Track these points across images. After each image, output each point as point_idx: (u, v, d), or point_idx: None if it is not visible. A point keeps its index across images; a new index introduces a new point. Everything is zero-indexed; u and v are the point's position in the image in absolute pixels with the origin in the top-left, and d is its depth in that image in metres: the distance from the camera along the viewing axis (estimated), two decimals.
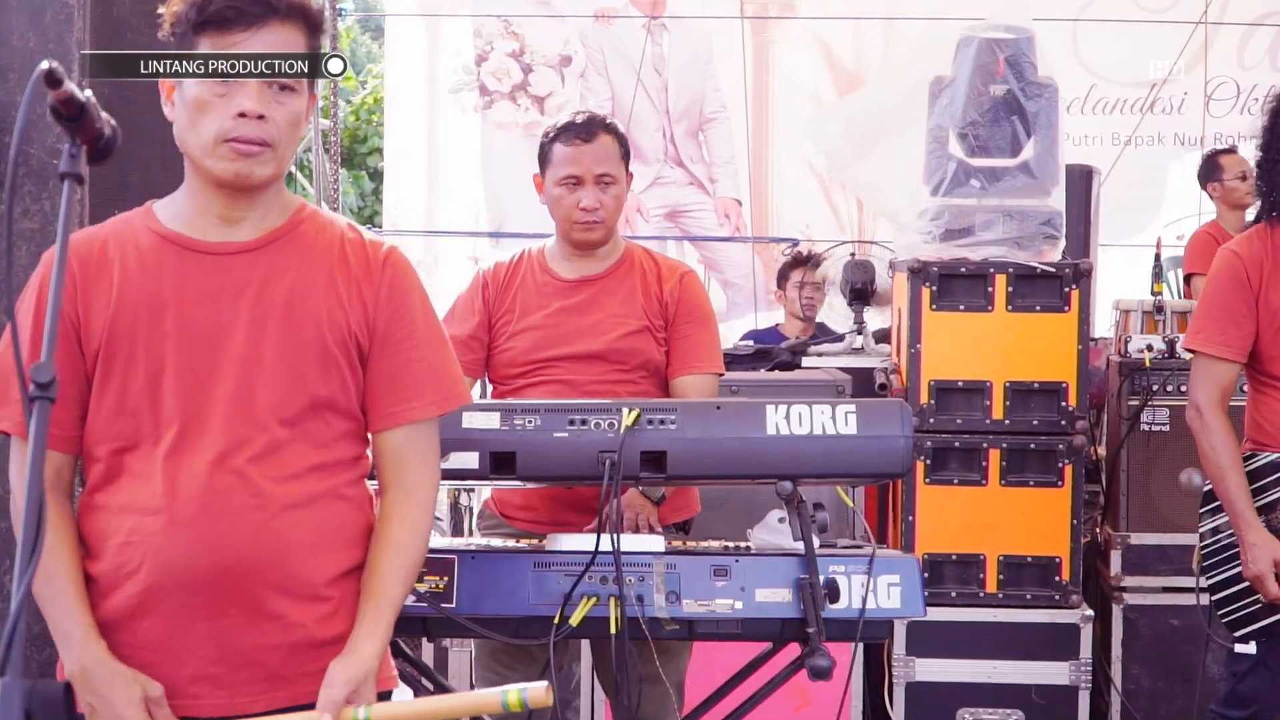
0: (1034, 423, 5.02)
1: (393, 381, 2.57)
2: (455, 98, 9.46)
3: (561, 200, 3.88)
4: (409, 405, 2.57)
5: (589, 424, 3.10)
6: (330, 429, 2.52)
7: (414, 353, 2.58)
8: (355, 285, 2.55)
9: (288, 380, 2.48)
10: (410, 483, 2.58)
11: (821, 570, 3.05)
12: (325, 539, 2.50)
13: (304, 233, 2.57)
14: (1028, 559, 5.03)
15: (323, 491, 2.50)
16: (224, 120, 2.43)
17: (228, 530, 2.42)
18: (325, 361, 2.51)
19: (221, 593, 2.43)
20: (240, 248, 2.52)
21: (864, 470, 3.12)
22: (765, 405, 3.08)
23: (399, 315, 2.57)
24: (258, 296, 2.49)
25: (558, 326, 3.86)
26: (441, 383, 2.61)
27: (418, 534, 2.56)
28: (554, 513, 3.77)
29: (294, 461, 2.47)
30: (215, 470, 2.42)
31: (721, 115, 9.39)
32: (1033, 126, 5.13)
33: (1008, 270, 5.01)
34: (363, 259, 2.57)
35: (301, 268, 2.53)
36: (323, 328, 2.51)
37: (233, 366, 2.46)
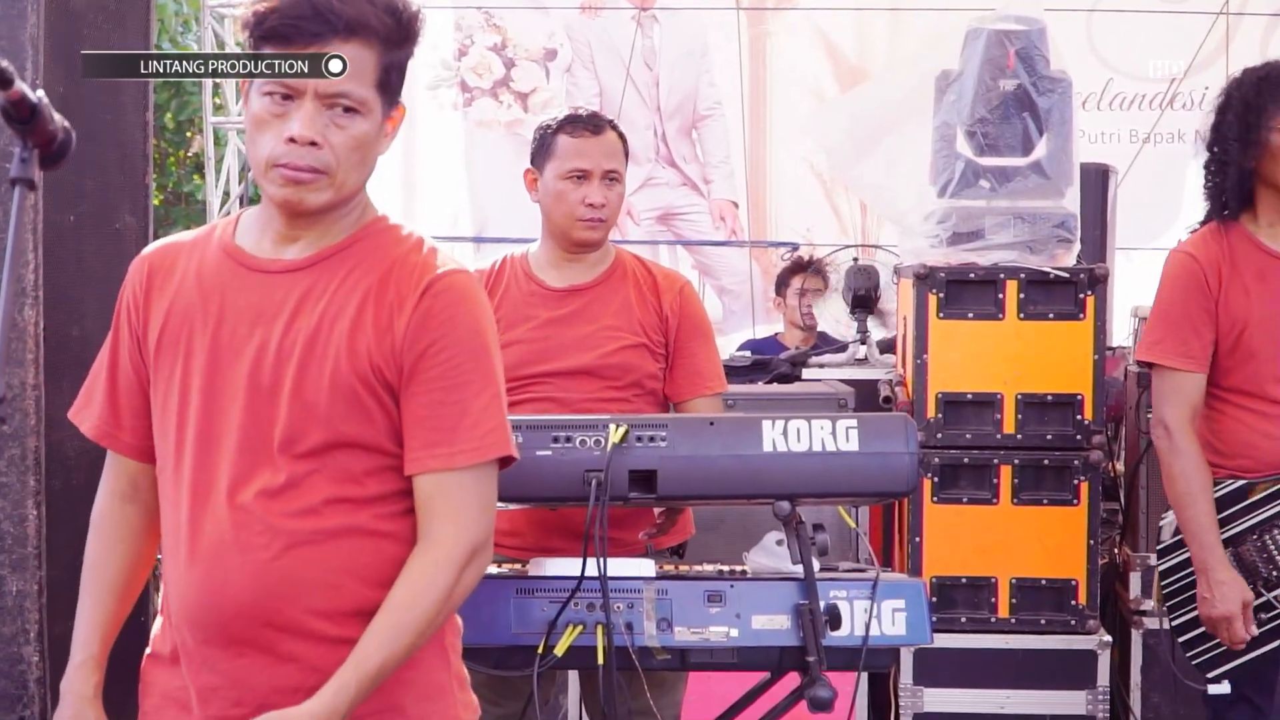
0: (1048, 437, 5.02)
1: (422, 425, 2.46)
2: (433, 94, 9.46)
3: (565, 196, 3.86)
4: (433, 453, 2.45)
5: (574, 441, 3.10)
6: (360, 464, 2.46)
7: (448, 394, 2.45)
8: (387, 315, 2.45)
9: (303, 415, 2.42)
10: (431, 535, 2.46)
11: (822, 595, 3.05)
12: (347, 577, 2.44)
13: (355, 252, 2.49)
14: (1041, 582, 5.04)
15: (347, 527, 2.44)
16: (276, 143, 2.38)
17: (232, 569, 2.40)
18: (346, 398, 2.43)
19: (233, 634, 2.42)
20: (287, 266, 2.48)
21: (867, 489, 3.13)
22: (762, 420, 3.09)
23: (434, 350, 2.45)
24: (291, 320, 2.45)
25: (545, 340, 3.85)
26: (476, 430, 2.46)
27: (419, 592, 2.42)
28: (539, 537, 3.76)
29: (307, 496, 2.42)
30: (226, 504, 2.42)
31: (716, 112, 9.39)
32: (1045, 123, 5.14)
33: (1019, 276, 5.02)
34: (405, 285, 2.46)
35: (337, 294, 2.47)
36: (342, 361, 2.43)
37: (249, 394, 2.43)
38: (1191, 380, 3.87)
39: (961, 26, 5.28)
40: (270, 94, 2.38)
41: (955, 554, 5.03)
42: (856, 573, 3.20)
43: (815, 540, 3.08)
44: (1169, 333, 3.89)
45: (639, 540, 3.76)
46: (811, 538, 3.07)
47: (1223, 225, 3.91)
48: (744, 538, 3.56)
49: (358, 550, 2.45)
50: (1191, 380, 3.87)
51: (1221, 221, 3.91)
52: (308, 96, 2.37)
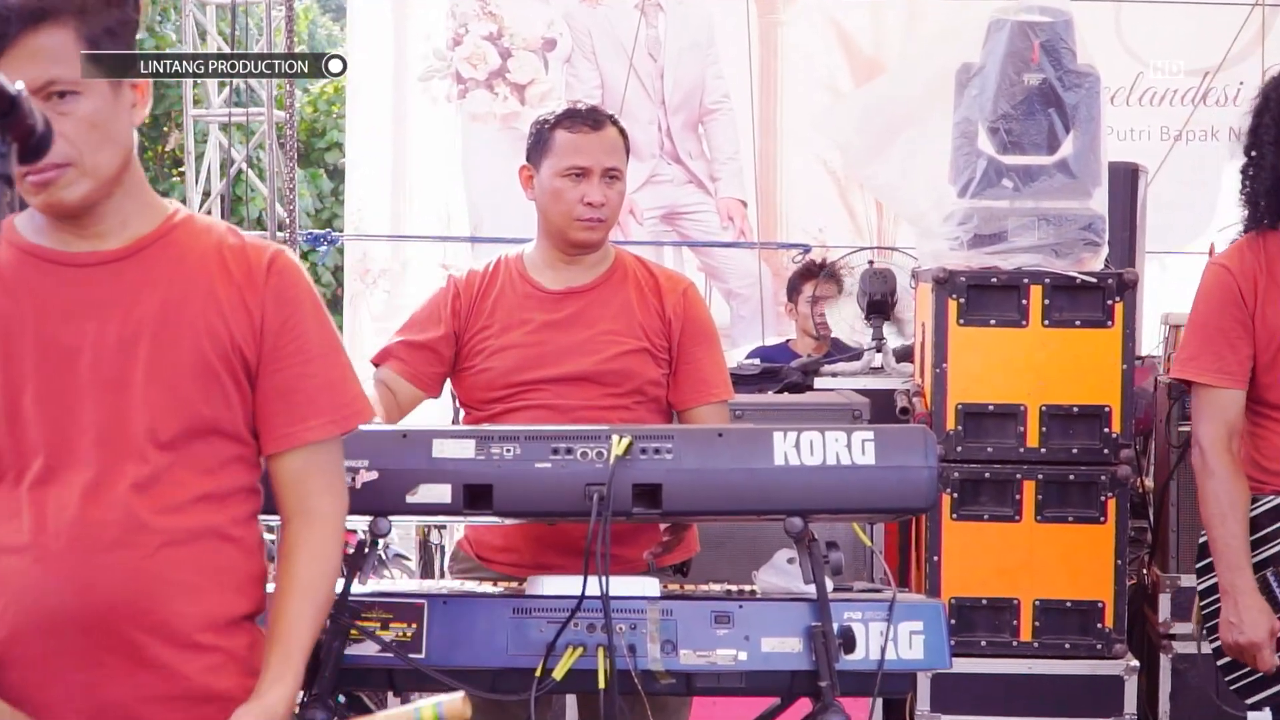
0: (1073, 451, 5.02)
1: (286, 399, 2.60)
2: (425, 86, 9.49)
3: (563, 194, 3.86)
4: (306, 425, 2.60)
5: (575, 453, 3.10)
6: (216, 454, 2.55)
7: (307, 367, 2.61)
8: (238, 294, 2.57)
9: (163, 401, 2.49)
10: (313, 511, 2.61)
11: (836, 617, 3.05)
12: (209, 581, 2.52)
13: (177, 240, 2.58)
14: (1066, 604, 5.04)
15: (208, 528, 2.52)
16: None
17: (100, 568, 2.43)
18: (206, 379, 2.53)
19: (94, 639, 2.44)
20: (105, 258, 2.53)
21: (883, 505, 3.13)
22: (773, 432, 3.09)
23: (289, 325, 2.60)
24: (126, 312, 2.51)
25: (542, 345, 3.85)
26: (340, 398, 2.64)
27: (325, 570, 2.60)
28: (537, 554, 3.77)
29: (177, 491, 2.49)
30: (88, 502, 2.44)
31: (724, 106, 9.42)
32: (1072, 120, 5.14)
33: (1044, 281, 5.02)
34: (245, 265, 2.59)
35: (176, 279, 2.55)
36: (202, 342, 2.53)
37: (99, 389, 2.47)
38: (1228, 397, 3.87)
39: (983, 17, 5.28)
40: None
41: (975, 574, 5.03)
42: (872, 593, 3.21)
43: (829, 559, 3.08)
44: (1204, 348, 3.89)
45: (641, 558, 3.76)
46: (825, 556, 3.07)
47: (1260, 234, 3.90)
48: (752, 555, 3.57)
49: (217, 553, 2.54)
50: (1228, 397, 3.87)
51: (1259, 230, 3.91)
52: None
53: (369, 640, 3.07)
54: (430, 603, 3.11)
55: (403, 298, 9.17)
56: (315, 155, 17.56)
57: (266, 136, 8.53)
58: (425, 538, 5.88)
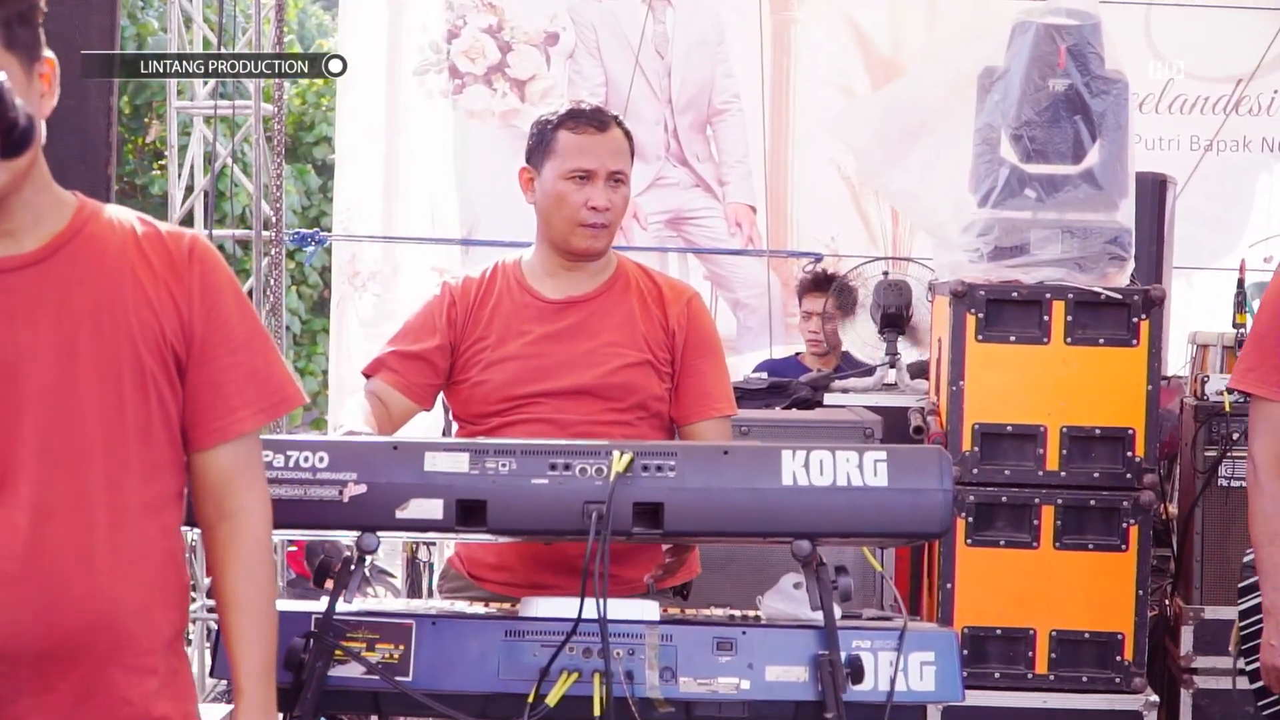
0: (1095, 475, 5.03)
1: (216, 391, 2.62)
2: (420, 80, 9.48)
3: (566, 198, 3.86)
4: (235, 416, 2.63)
5: (573, 469, 3.10)
6: (154, 460, 2.57)
7: (233, 356, 2.63)
8: (164, 286, 2.58)
9: (107, 408, 2.50)
10: (240, 512, 2.63)
11: (844, 645, 3.06)
12: (153, 598, 2.55)
13: (94, 233, 2.58)
14: (1085, 635, 5.04)
15: (151, 541, 2.55)
16: None
17: (57, 590, 2.44)
18: (143, 381, 2.54)
19: (49, 665, 2.45)
20: (24, 261, 2.51)
21: (896, 529, 3.13)
22: (780, 451, 3.09)
23: (215, 314, 2.61)
24: (58, 314, 2.50)
25: (541, 357, 3.86)
26: (267, 385, 2.67)
27: (264, 578, 2.64)
28: (531, 573, 3.78)
29: (124, 502, 2.51)
30: (39, 520, 2.44)
31: (734, 106, 9.42)
32: (1098, 128, 5.15)
33: (1067, 296, 5.03)
34: (165, 254, 2.60)
35: (101, 274, 2.55)
36: (136, 341, 2.54)
37: (39, 399, 2.47)
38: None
39: (1007, 18, 5.29)
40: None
41: (990, 602, 5.04)
42: (881, 621, 3.21)
43: (837, 584, 3.09)
44: (1263, 359, 3.91)
45: (641, 580, 3.77)
46: (833, 581, 3.08)
47: None
48: (756, 579, 3.57)
49: (158, 567, 2.56)
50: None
51: None
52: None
53: (354, 661, 3.07)
54: (419, 623, 3.12)
55: (393, 302, 9.17)
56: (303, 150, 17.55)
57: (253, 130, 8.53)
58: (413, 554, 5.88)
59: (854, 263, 7.53)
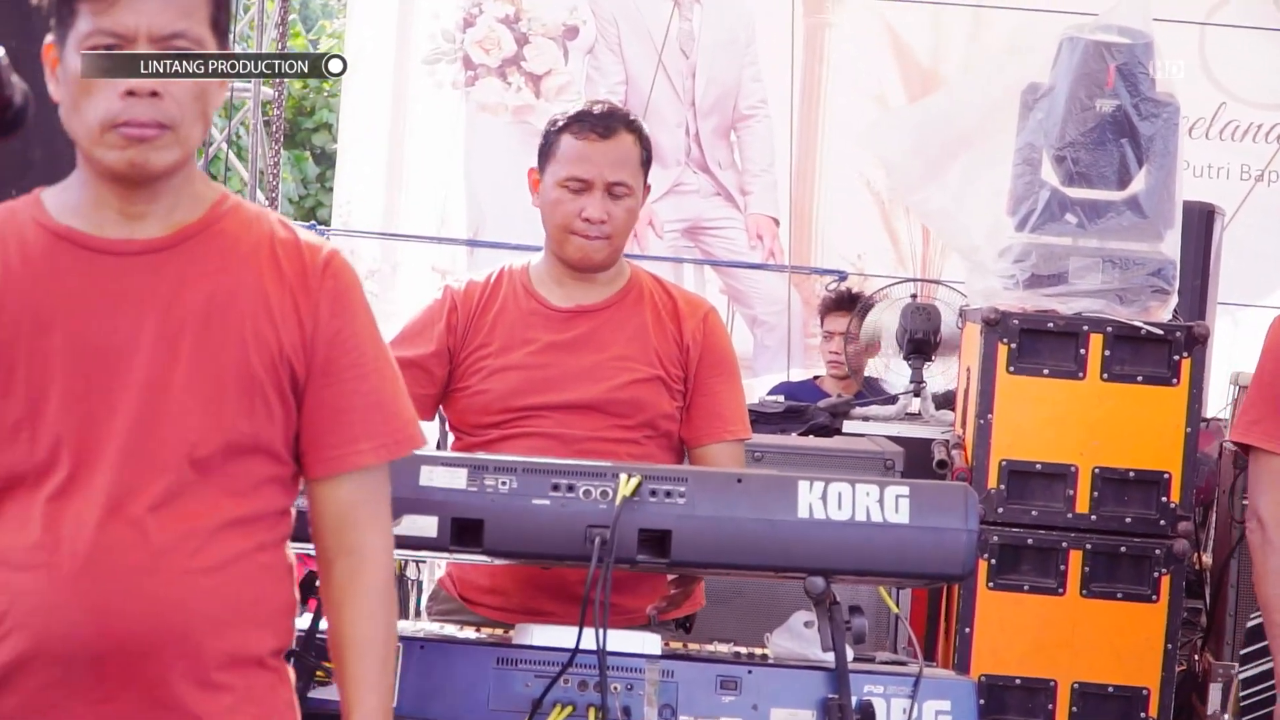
0: (1127, 520, 5.02)
1: (336, 418, 2.59)
2: (431, 70, 9.51)
3: (560, 206, 3.86)
4: (356, 448, 2.60)
5: (577, 491, 3.11)
6: (252, 474, 2.55)
7: (361, 383, 2.60)
8: (290, 297, 2.56)
9: (203, 413, 2.49)
10: (362, 549, 2.61)
11: (855, 690, 3.06)
12: (238, 614, 2.52)
13: (226, 229, 2.58)
14: (1109, 689, 5.03)
15: (239, 554, 2.52)
16: (111, 101, 2.44)
17: (121, 594, 2.43)
18: (250, 391, 2.53)
19: (107, 670, 2.44)
20: (146, 246, 2.53)
21: (916, 569, 3.14)
22: (797, 481, 3.10)
23: (344, 336, 2.60)
24: (168, 307, 2.51)
25: (546, 368, 3.86)
26: (392, 421, 2.64)
27: (382, 620, 2.61)
28: (528, 598, 3.77)
29: (206, 514, 2.49)
30: (108, 519, 2.44)
31: (760, 112, 9.43)
32: (1146, 153, 5.15)
33: (1105, 330, 5.02)
34: (299, 264, 2.59)
35: (223, 273, 2.54)
36: (248, 349, 2.52)
37: (133, 393, 2.47)
38: None
39: (1054, 32, 5.28)
40: (94, 49, 2.44)
41: (1011, 650, 5.03)
42: (896, 665, 3.21)
43: (851, 624, 3.09)
44: (1268, 411, 3.89)
45: (642, 611, 3.76)
46: (847, 621, 3.08)
47: None
48: (764, 615, 3.58)
49: (248, 583, 2.54)
50: None
51: None
52: (139, 44, 2.44)
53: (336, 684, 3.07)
54: (406, 646, 3.10)
55: (391, 303, 9.18)
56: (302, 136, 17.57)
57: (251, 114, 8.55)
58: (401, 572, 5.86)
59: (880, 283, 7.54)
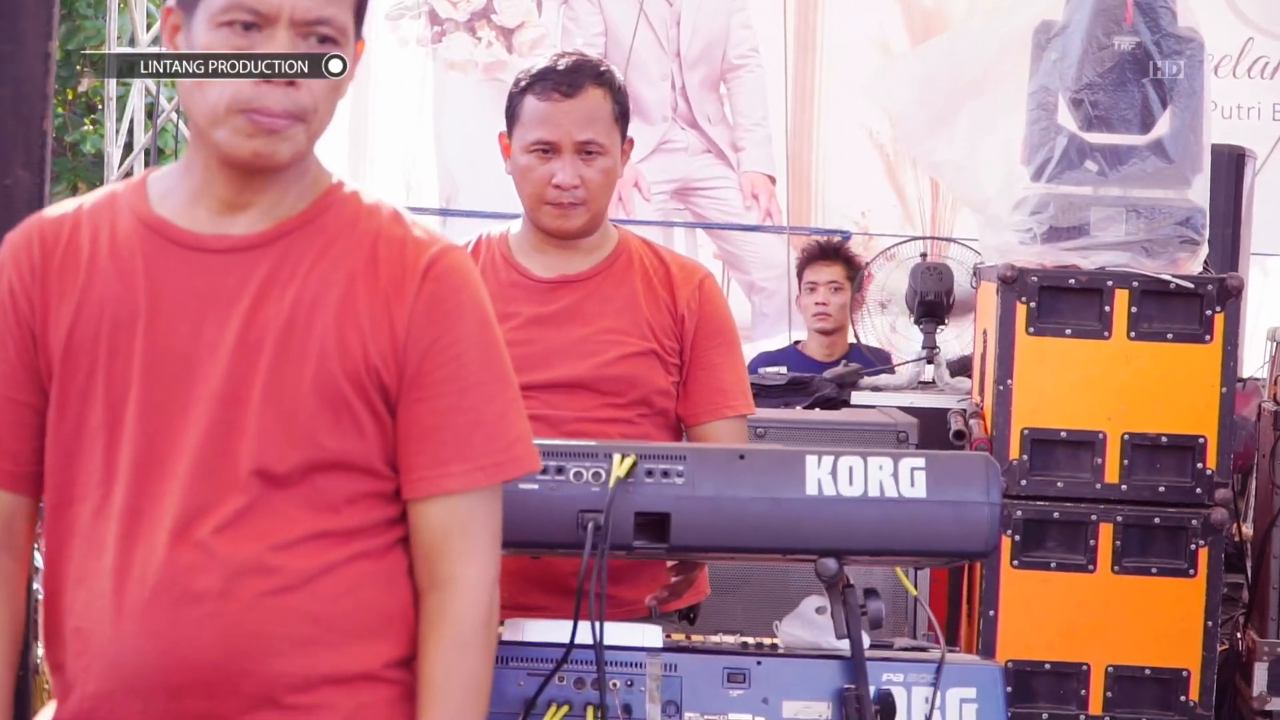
0: (1160, 489, 5.03)
1: (427, 437, 2.55)
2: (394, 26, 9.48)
3: (530, 173, 3.86)
4: (447, 470, 2.56)
5: (566, 473, 3.10)
6: (342, 490, 2.52)
7: (460, 399, 2.56)
8: (383, 301, 2.53)
9: (280, 428, 2.48)
10: (452, 581, 2.58)
11: (873, 679, 3.06)
12: (332, 630, 2.50)
13: (326, 225, 2.56)
14: (1145, 671, 5.05)
15: (328, 566, 2.50)
16: (242, 83, 2.43)
17: (189, 623, 2.43)
18: (334, 406, 2.50)
19: (185, 705, 2.45)
20: (238, 243, 2.51)
21: (935, 547, 3.14)
22: (805, 456, 3.10)
23: (442, 345, 2.55)
24: (253, 311, 2.49)
25: (530, 344, 3.85)
26: (495, 440, 2.59)
27: (469, 665, 2.58)
28: (517, 592, 3.75)
29: (284, 529, 2.47)
30: (178, 542, 2.44)
31: (752, 61, 9.41)
32: (1170, 93, 5.16)
33: (1131, 284, 5.03)
34: (398, 264, 2.55)
35: (313, 274, 2.52)
36: (330, 359, 2.49)
37: (208, 404, 2.46)
38: None
39: None
40: (230, 24, 2.44)
41: (1039, 633, 5.04)
42: (916, 652, 3.22)
43: (866, 609, 3.09)
44: None
45: (641, 602, 3.77)
46: (862, 606, 3.08)
47: None
48: (772, 602, 3.59)
49: (344, 595, 2.51)
50: None
51: None
52: (281, 25, 2.44)
53: None
54: None
55: None
56: None
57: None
58: None
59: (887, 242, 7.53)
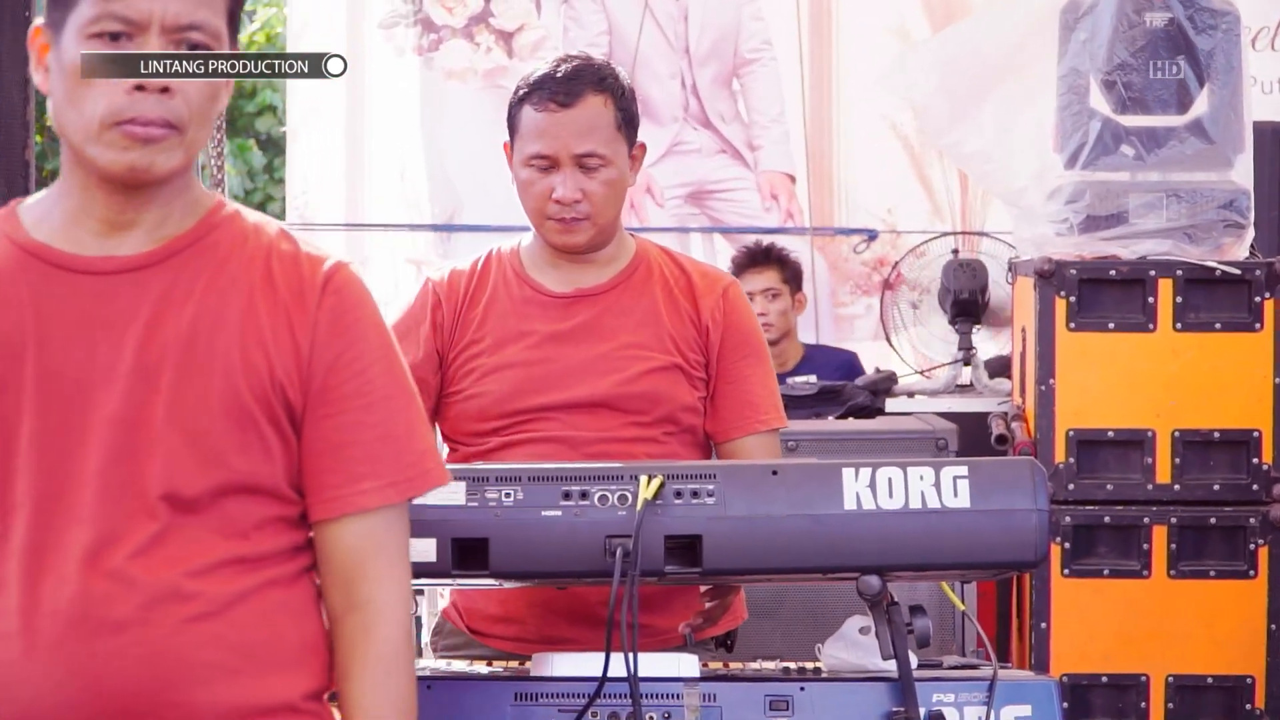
0: (1214, 488, 5.04)
1: (337, 454, 2.59)
2: (388, 35, 9.50)
3: (530, 187, 3.85)
4: (358, 486, 2.59)
5: (591, 498, 3.11)
6: (250, 515, 2.55)
7: (366, 414, 2.60)
8: (284, 317, 2.56)
9: (188, 450, 2.50)
10: (370, 605, 2.59)
11: (923, 700, 3.07)
12: (250, 659, 2.52)
13: (217, 242, 2.59)
14: (1207, 680, 5.05)
15: (242, 594, 2.52)
16: (115, 95, 2.46)
17: (109, 655, 2.44)
18: (241, 425, 2.53)
19: None
20: (127, 264, 2.54)
21: (981, 559, 3.14)
22: (841, 468, 3.10)
23: (345, 360, 2.59)
24: (149, 332, 2.51)
25: (547, 363, 3.86)
26: (405, 455, 2.63)
27: (393, 689, 2.59)
28: (544, 626, 3.78)
29: (198, 555, 2.49)
30: (89, 572, 2.45)
31: (765, 55, 9.41)
32: (1206, 70, 5.17)
33: (1175, 273, 5.04)
34: (295, 280, 2.58)
35: (210, 292, 2.55)
36: (236, 377, 2.52)
37: (107, 429, 2.49)
38: None
39: None
40: (99, 35, 2.46)
41: (1094, 644, 5.05)
42: (967, 670, 3.22)
43: (913, 627, 3.09)
44: None
45: (675, 630, 3.78)
46: (908, 624, 3.09)
47: None
48: (811, 624, 3.60)
49: (259, 624, 2.54)
50: None
51: None
52: (152, 32, 2.46)
53: None
54: None
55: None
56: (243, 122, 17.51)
57: None
58: None
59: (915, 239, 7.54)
